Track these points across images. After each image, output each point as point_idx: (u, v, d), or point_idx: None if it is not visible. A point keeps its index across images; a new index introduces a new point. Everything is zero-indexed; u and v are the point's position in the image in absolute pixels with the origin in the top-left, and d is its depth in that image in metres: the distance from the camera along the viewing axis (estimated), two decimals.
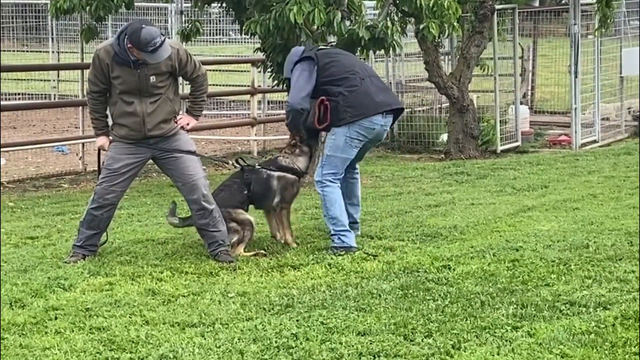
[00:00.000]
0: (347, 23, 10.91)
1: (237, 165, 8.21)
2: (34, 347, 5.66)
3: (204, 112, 8.59)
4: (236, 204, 8.05)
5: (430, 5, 10.95)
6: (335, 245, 7.86)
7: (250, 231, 7.97)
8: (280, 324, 5.94)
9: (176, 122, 7.73)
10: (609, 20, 14.73)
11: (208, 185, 7.83)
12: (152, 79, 7.49)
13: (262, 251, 7.91)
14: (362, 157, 8.39)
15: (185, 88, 12.40)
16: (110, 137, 7.78)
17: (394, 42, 10.87)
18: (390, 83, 16.87)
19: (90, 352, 5.56)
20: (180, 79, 7.97)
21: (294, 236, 8.22)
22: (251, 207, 8.27)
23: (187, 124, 7.84)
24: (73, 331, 5.91)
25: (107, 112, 7.81)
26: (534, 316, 6.01)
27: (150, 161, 7.93)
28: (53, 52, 22.33)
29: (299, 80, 7.89)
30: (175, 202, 8.13)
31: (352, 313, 6.16)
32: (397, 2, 11.73)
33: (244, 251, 7.89)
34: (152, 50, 7.28)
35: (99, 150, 8.03)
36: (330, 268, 7.39)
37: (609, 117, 17.75)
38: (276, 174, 8.11)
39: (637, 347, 5.43)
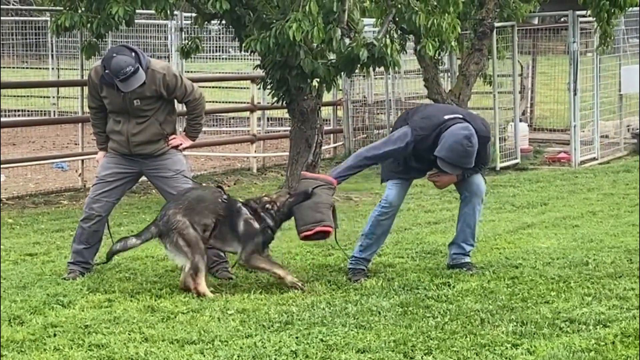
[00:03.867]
0: (347, 40, 10.93)
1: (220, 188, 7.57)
2: None
3: (204, 128, 8.59)
4: (197, 220, 7.23)
5: (428, 25, 10.98)
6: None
7: (202, 256, 7.17)
8: (280, 341, 5.92)
9: (167, 143, 7.73)
10: (609, 38, 14.75)
11: None
12: (136, 102, 7.54)
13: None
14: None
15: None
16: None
17: (393, 60, 10.89)
18: (390, 100, 16.90)
19: None
20: None
21: (285, 269, 7.47)
22: None
23: (180, 145, 7.82)
24: (72, 348, 5.89)
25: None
26: (534, 334, 6.00)
27: None
28: (53, 68, 22.35)
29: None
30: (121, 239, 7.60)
31: (352, 330, 6.14)
32: (397, 20, 11.75)
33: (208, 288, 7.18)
34: (123, 79, 7.35)
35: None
36: (330, 285, 7.38)
37: (608, 134, 17.77)
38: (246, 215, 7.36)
39: None
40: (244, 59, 21.29)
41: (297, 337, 6.00)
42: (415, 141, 7.35)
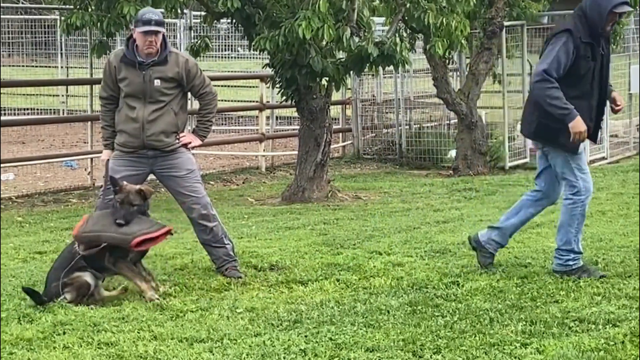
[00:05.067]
0: (356, 39, 10.93)
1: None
2: None
3: (213, 127, 8.53)
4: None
5: (438, 24, 10.97)
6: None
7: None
8: (289, 340, 5.92)
9: (178, 139, 7.70)
10: (618, 37, 14.72)
11: (209, 203, 7.76)
12: (157, 82, 7.46)
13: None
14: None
15: (194, 104, 12.40)
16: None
17: (402, 58, 10.89)
18: (399, 99, 16.90)
19: None
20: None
21: (149, 282, 7.14)
22: None
23: (190, 143, 7.75)
24: (81, 346, 5.90)
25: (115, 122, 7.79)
26: (543, 333, 5.99)
27: None
28: (62, 67, 22.39)
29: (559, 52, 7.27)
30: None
31: (361, 329, 6.14)
32: (406, 19, 11.76)
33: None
34: (145, 21, 7.35)
35: (106, 165, 7.99)
36: (339, 284, 7.38)
37: (617, 133, 17.74)
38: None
39: None
40: (253, 57, 21.32)
41: (306, 336, 6.00)
42: None
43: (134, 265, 7.13)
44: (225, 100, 20.81)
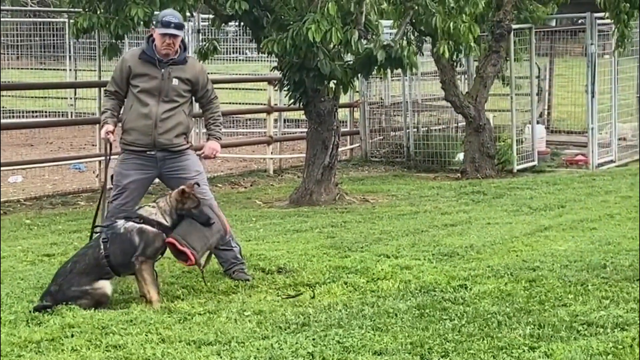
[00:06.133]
0: (364, 42, 10.94)
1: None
2: None
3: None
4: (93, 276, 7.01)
5: (446, 28, 10.97)
6: None
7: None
8: (297, 343, 5.92)
9: (202, 156, 7.79)
10: (626, 40, 14.71)
11: (217, 206, 7.77)
12: (175, 81, 7.55)
13: None
14: None
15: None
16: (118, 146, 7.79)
17: (410, 61, 10.89)
18: (407, 102, 16.89)
19: None
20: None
21: (159, 294, 7.12)
22: None
23: (214, 152, 7.86)
24: (89, 349, 5.90)
25: (119, 113, 7.77)
26: (551, 337, 5.98)
27: None
28: (70, 70, 22.44)
29: None
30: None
31: (369, 332, 6.13)
32: (414, 22, 11.75)
33: None
34: (166, 23, 7.44)
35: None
36: (347, 287, 7.37)
37: (625, 137, 17.71)
38: (137, 226, 7.10)
39: None
40: (261, 60, 21.33)
41: (313, 339, 5.99)
42: None
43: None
44: (234, 103, 20.85)
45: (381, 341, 5.94)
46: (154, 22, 7.86)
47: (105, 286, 6.97)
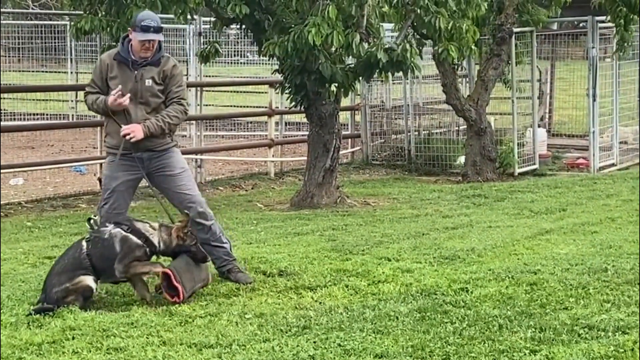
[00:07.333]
0: (365, 45, 10.94)
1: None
2: None
3: (222, 132, 8.54)
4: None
5: (449, 28, 10.97)
6: None
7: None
8: (298, 346, 5.92)
9: (171, 139, 7.68)
10: (627, 44, 14.71)
11: (205, 202, 7.77)
12: (148, 82, 7.48)
13: None
14: None
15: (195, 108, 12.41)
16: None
17: (412, 64, 10.89)
18: (408, 105, 16.90)
19: None
20: None
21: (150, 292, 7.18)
22: None
23: (131, 132, 7.41)
24: (90, 351, 5.90)
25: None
26: (553, 340, 5.98)
27: None
28: (71, 72, 22.45)
29: None
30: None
31: (370, 335, 6.13)
32: (415, 24, 11.76)
33: None
34: (144, 27, 7.37)
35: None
36: (348, 290, 7.37)
37: (627, 140, 17.71)
38: (122, 234, 7.10)
39: None
40: (262, 63, 21.32)
41: (314, 342, 5.99)
42: None
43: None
44: (235, 106, 20.85)
45: (382, 344, 5.94)
46: (131, 24, 7.74)
47: (85, 279, 6.92)
